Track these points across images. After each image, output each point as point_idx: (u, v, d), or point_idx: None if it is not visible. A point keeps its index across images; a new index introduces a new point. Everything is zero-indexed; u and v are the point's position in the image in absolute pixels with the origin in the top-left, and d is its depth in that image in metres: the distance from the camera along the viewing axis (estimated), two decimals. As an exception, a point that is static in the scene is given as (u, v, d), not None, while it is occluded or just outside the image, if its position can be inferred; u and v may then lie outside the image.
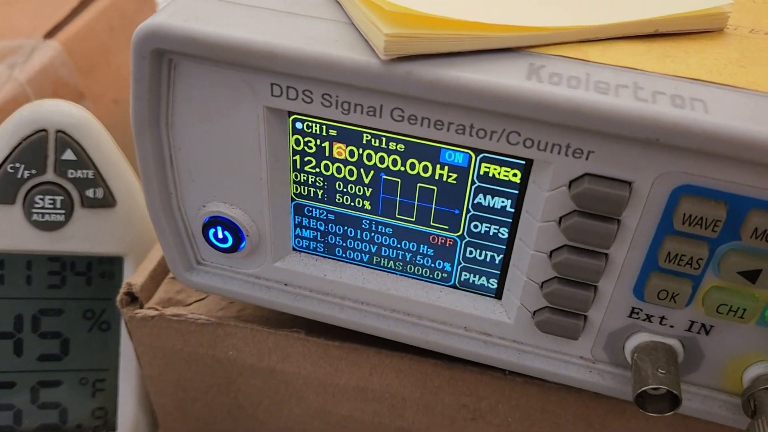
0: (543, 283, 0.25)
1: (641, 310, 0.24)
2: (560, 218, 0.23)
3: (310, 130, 0.25)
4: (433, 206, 0.25)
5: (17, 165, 0.32)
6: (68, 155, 0.33)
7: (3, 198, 0.33)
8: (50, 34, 0.46)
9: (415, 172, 0.25)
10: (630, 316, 0.24)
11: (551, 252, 0.24)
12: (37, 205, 0.33)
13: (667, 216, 0.22)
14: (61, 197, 0.33)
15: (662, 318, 0.24)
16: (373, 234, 0.27)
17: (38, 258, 0.35)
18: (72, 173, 0.33)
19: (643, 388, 0.23)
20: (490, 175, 0.24)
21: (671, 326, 0.24)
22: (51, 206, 0.33)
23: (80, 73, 0.47)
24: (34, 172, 0.33)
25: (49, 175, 0.33)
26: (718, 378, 0.25)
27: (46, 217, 0.33)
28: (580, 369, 0.27)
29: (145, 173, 0.26)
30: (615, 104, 0.20)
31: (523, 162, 0.23)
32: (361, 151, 0.25)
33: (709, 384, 0.26)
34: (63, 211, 0.33)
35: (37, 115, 0.32)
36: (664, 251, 0.22)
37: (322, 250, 0.28)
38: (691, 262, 0.22)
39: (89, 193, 0.33)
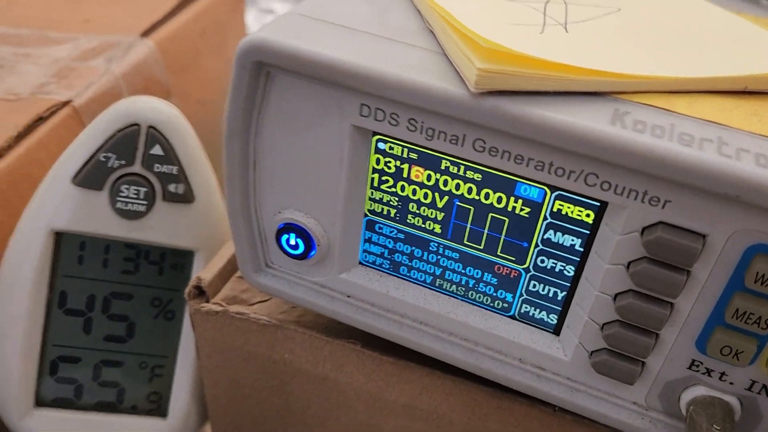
0: (604, 324, 0.25)
1: (702, 363, 0.24)
2: (629, 263, 0.23)
3: (391, 152, 0.26)
4: (503, 237, 0.26)
5: (109, 155, 0.34)
6: (156, 150, 0.34)
7: (93, 184, 0.35)
8: (146, 33, 0.49)
9: (488, 201, 0.25)
10: (689, 368, 0.24)
11: (616, 295, 0.24)
12: (122, 194, 0.35)
13: (739, 273, 0.22)
14: (145, 189, 0.35)
15: (722, 374, 0.24)
16: (439, 257, 0.28)
17: (116, 244, 0.36)
18: (158, 167, 0.35)
19: (697, 442, 0.23)
20: (563, 213, 0.24)
21: (731, 383, 0.24)
22: (135, 196, 0.35)
23: (170, 72, 0.49)
24: (123, 162, 0.34)
25: (137, 167, 0.35)
26: (774, 441, 0.25)
27: (129, 206, 0.35)
28: (632, 414, 0.27)
29: (229, 175, 0.28)
30: (698, 157, 0.20)
31: (598, 204, 0.23)
32: (438, 176, 0.25)
33: (764, 446, 0.25)
34: (145, 202, 0.35)
35: (131, 110, 0.34)
36: (732, 307, 0.22)
37: (387, 266, 0.29)
38: (759, 322, 0.22)
39: (171, 187, 0.35)
